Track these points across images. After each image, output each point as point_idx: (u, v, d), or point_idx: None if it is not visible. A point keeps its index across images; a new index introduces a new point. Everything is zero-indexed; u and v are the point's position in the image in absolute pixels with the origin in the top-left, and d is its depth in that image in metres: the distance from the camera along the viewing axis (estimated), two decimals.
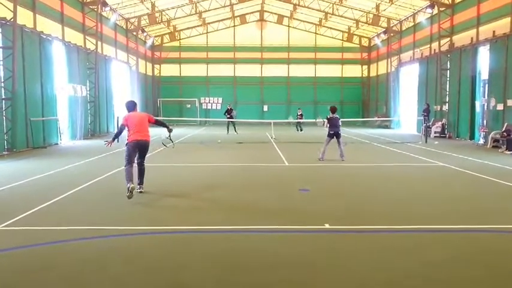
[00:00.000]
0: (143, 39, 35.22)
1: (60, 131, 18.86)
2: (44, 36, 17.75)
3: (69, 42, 20.40)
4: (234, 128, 25.54)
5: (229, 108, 26.57)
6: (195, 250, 5.14)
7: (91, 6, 23.19)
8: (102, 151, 15.50)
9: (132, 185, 7.65)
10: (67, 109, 19.99)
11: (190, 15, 34.22)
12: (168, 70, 39.85)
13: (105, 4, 23.67)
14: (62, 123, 19.29)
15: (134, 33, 32.21)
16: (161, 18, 32.63)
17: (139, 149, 8.32)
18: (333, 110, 13.50)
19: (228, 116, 25.84)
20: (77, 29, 22.30)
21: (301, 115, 28.71)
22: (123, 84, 29.63)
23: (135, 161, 8.34)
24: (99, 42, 23.91)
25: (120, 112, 26.09)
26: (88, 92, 22.68)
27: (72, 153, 15.27)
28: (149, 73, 38.23)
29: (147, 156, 8.64)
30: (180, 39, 39.47)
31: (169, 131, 8.79)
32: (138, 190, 8.21)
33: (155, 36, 37.96)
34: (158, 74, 39.89)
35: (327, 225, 6.11)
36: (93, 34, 23.21)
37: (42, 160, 13.30)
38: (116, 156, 14.21)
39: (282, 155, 14.62)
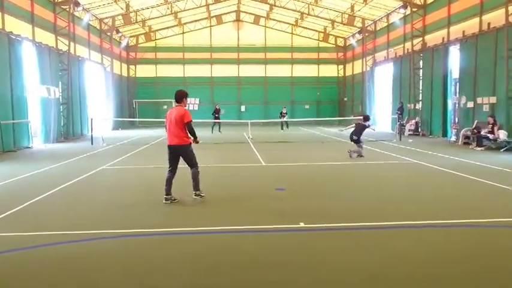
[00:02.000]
0: (118, 39, 34.66)
1: (31, 134, 18.35)
2: (13, 37, 17.23)
3: (40, 42, 19.87)
4: (219, 128, 25.98)
5: (217, 108, 26.74)
6: (168, 252, 5.08)
7: (63, 6, 22.67)
8: (75, 154, 15.18)
9: (166, 196, 7.43)
10: (39, 111, 19.48)
11: (165, 16, 33.88)
12: (144, 71, 39.35)
13: (77, 4, 23.18)
14: (33, 126, 18.77)
15: (108, 33, 31.67)
16: (136, 18, 32.21)
17: (175, 155, 7.58)
18: (364, 118, 13.98)
19: (216, 115, 26.20)
20: (48, 29, 21.76)
21: (286, 113, 29.37)
22: (98, 86, 29.09)
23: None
24: (71, 43, 23.39)
25: (94, 114, 25.65)
26: (61, 94, 22.15)
27: (44, 156, 14.88)
28: (124, 74, 37.65)
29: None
30: (155, 39, 39.04)
31: (196, 142, 7.79)
32: (193, 197, 7.64)
33: (130, 37, 37.43)
34: (134, 75, 39.34)
35: (301, 224, 6.14)
36: (66, 34, 22.69)
37: (13, 164, 12.90)
38: (89, 159, 13.94)
39: (259, 155, 14.63)
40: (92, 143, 18.37)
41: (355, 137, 13.42)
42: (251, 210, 7.16)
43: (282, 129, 28.62)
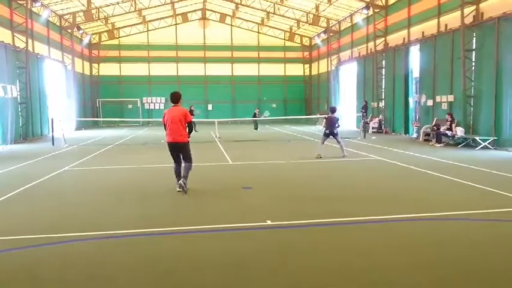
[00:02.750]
0: (79, 37, 33.62)
1: None
2: None
3: None
4: (195, 127, 25.64)
5: (192, 109, 26.40)
6: (132, 255, 4.98)
7: (19, 2, 21.73)
8: (36, 155, 14.62)
9: (178, 182, 8.17)
10: None
11: (129, 13, 33.14)
12: (108, 69, 38.37)
13: None
14: None
15: (69, 30, 30.62)
16: (98, 15, 31.32)
17: (176, 150, 8.31)
18: (332, 110, 13.98)
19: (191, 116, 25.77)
20: (4, 25, 20.81)
21: (259, 114, 29.07)
22: (59, 85, 28.11)
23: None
24: (29, 40, 22.47)
25: (54, 114, 24.78)
26: (18, 93, 21.24)
27: (2, 158, 14.23)
28: (87, 72, 36.56)
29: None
30: (119, 37, 38.14)
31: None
32: (178, 183, 8.21)
33: (92, 34, 36.39)
34: (97, 74, 38.27)
35: (268, 222, 6.18)
36: (23, 31, 21.76)
37: None
38: (51, 161, 13.46)
39: (226, 154, 14.61)
40: (53, 144, 17.72)
41: (335, 131, 13.49)
42: (218, 209, 7.13)
43: (254, 128, 28.59)
